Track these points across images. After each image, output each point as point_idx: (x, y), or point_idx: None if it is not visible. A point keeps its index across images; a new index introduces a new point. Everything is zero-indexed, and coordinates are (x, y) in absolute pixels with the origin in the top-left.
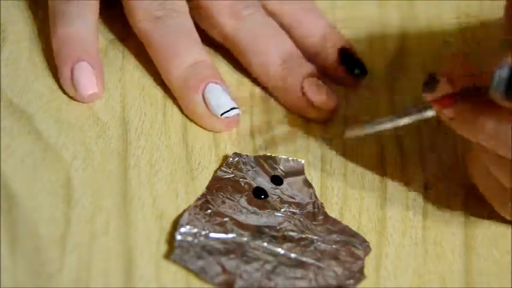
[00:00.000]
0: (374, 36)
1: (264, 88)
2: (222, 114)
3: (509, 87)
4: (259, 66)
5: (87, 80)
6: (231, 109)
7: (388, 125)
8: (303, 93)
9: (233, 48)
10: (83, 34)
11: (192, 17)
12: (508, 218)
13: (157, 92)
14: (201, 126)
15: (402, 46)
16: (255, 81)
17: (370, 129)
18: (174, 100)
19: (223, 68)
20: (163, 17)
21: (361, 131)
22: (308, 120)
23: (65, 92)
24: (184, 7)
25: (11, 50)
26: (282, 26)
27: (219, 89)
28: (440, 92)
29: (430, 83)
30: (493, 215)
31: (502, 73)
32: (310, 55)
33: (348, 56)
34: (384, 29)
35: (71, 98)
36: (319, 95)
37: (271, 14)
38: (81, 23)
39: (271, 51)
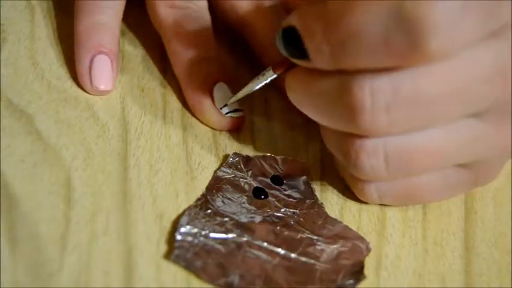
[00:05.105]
0: None
1: (264, 88)
2: (227, 113)
3: (285, 45)
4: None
5: (104, 74)
6: (236, 110)
7: (246, 90)
8: None
9: (246, 32)
10: (108, 24)
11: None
12: (359, 196)
13: (158, 93)
14: (203, 123)
15: None
16: None
17: (237, 96)
18: (175, 100)
19: None
20: (183, 7)
21: (234, 98)
22: (308, 120)
23: (65, 91)
24: (205, 2)
25: (11, 50)
26: None
27: (227, 89)
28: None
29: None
30: (494, 215)
31: (279, 33)
32: None
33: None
34: None
35: (73, 94)
36: None
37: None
38: (107, 14)
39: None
